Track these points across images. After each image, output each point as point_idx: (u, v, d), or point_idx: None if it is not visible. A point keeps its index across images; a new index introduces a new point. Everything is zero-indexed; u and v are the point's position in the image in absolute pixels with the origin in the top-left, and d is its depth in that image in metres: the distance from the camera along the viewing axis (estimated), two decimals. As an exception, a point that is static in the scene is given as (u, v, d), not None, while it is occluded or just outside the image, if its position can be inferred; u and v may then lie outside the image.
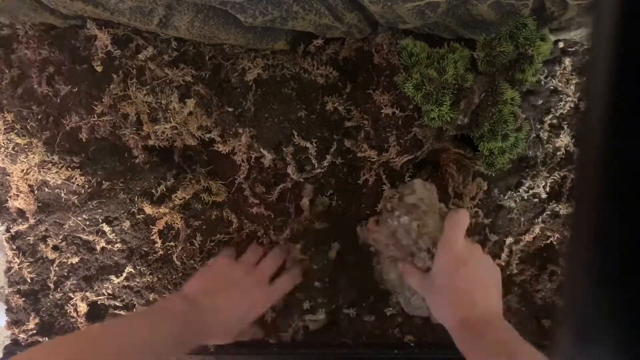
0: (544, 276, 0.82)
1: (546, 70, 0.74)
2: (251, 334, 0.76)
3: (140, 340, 0.59)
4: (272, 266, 0.75)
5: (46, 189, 0.79)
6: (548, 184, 0.80)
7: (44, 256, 0.81)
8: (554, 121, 0.77)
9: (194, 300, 0.66)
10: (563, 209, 0.81)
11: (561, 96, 0.76)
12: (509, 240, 0.81)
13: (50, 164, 0.77)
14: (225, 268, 0.73)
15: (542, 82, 0.75)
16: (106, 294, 0.81)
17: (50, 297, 0.81)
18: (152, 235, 0.80)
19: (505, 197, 0.80)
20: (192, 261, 0.80)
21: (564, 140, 0.78)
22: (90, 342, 0.57)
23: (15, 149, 0.78)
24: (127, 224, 0.79)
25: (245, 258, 0.75)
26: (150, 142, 0.76)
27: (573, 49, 0.75)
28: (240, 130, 0.75)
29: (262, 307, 0.72)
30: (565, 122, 0.77)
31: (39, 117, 0.77)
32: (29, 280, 0.81)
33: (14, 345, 0.82)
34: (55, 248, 0.81)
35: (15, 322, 0.82)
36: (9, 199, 0.80)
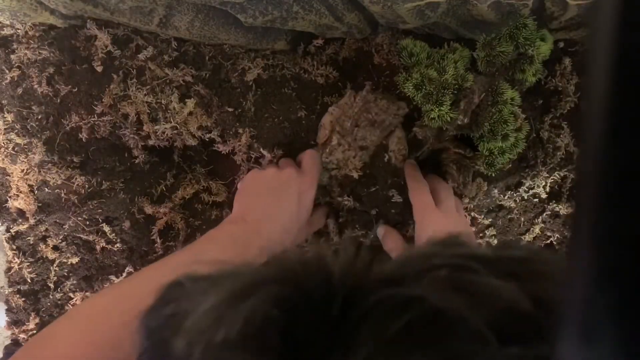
0: (544, 276, 0.82)
1: (546, 70, 0.74)
2: (321, 220, 0.75)
3: (211, 258, 0.61)
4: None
5: (46, 189, 0.79)
6: (548, 184, 0.80)
7: (44, 256, 0.81)
8: (554, 121, 0.77)
9: (244, 222, 0.65)
10: (563, 209, 0.81)
11: (561, 96, 0.76)
12: (509, 240, 0.81)
13: (50, 164, 0.77)
14: (255, 179, 0.71)
15: (542, 82, 0.75)
16: (106, 294, 0.81)
17: (50, 297, 0.81)
18: (152, 235, 0.80)
19: (505, 197, 0.80)
20: (192, 261, 0.80)
21: (564, 140, 0.78)
22: (161, 263, 0.59)
23: (15, 149, 0.78)
24: (127, 224, 0.79)
25: (270, 166, 0.74)
26: (150, 142, 0.76)
27: (573, 49, 0.75)
28: (240, 130, 0.75)
29: (309, 188, 0.69)
30: (565, 122, 0.77)
31: (39, 117, 0.77)
32: (29, 280, 0.81)
33: (14, 345, 0.82)
34: (55, 248, 0.81)
35: (15, 322, 0.82)
36: (9, 199, 0.80)
